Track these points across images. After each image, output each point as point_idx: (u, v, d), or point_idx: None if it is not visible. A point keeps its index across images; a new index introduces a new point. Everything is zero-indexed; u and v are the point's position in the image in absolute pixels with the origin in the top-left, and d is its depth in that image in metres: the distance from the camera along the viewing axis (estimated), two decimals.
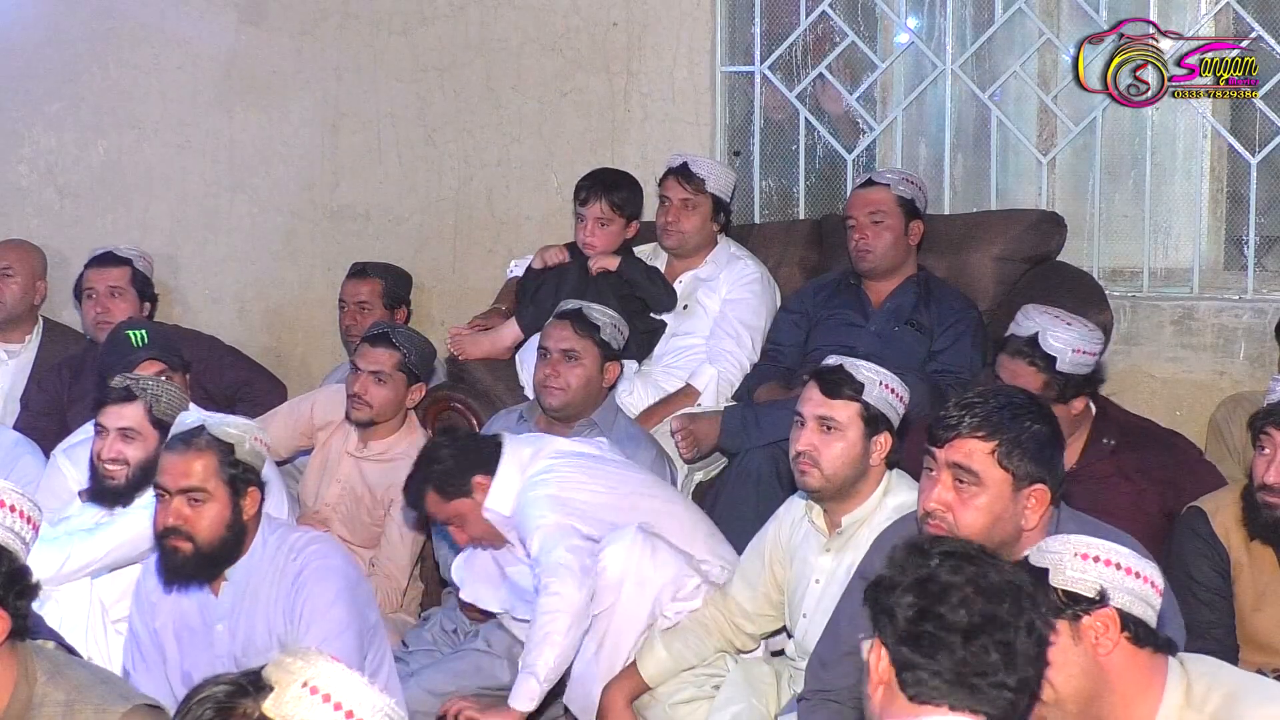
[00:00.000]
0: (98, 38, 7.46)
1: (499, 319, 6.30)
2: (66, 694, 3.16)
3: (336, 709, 2.34)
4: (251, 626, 4.45)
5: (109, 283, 6.63)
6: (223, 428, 4.40)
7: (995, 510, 3.66)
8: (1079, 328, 5.00)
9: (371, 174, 7.28)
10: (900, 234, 5.94)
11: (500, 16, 7.08)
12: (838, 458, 4.44)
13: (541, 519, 4.85)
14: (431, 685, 5.07)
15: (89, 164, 7.57)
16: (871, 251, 5.92)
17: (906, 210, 5.95)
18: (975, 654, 2.55)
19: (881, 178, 6.00)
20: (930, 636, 2.56)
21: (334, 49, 7.28)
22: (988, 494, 3.66)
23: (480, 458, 5.00)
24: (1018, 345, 5.00)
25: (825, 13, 6.79)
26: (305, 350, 7.39)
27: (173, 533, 4.36)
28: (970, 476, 3.66)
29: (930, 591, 2.59)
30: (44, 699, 3.15)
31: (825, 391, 4.46)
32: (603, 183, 6.26)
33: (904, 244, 5.96)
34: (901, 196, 5.93)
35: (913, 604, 2.59)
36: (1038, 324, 4.99)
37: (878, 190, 5.93)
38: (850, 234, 5.96)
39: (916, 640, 2.57)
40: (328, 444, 6.01)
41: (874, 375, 4.47)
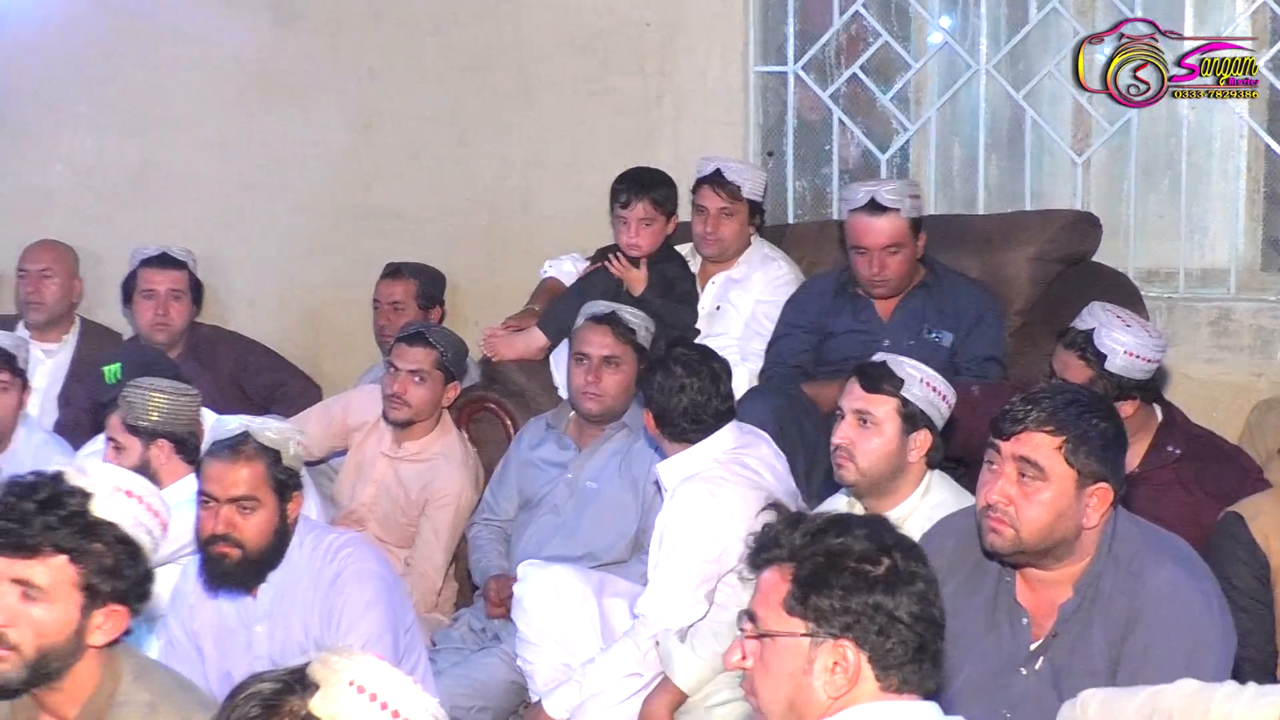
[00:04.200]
0: (132, 39, 7.47)
1: (532, 320, 6.30)
2: (151, 696, 3.17)
3: (383, 708, 2.34)
4: (289, 628, 4.46)
5: (169, 285, 6.69)
6: (265, 433, 4.40)
7: (1059, 506, 3.59)
8: (1138, 331, 5.00)
9: (405, 174, 7.28)
10: (914, 256, 5.86)
11: (533, 17, 7.08)
12: (873, 453, 4.43)
13: (683, 545, 4.78)
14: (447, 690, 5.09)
15: (123, 165, 7.57)
16: (889, 280, 5.84)
17: (915, 229, 5.85)
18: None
19: (886, 200, 5.76)
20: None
21: (367, 49, 7.28)
22: (1052, 489, 3.59)
23: (710, 409, 4.92)
24: (1073, 337, 5.03)
25: (859, 13, 6.77)
26: (339, 351, 7.38)
27: (220, 540, 4.38)
28: (1035, 470, 3.59)
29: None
30: (128, 698, 3.16)
31: (865, 386, 4.47)
32: (641, 183, 6.23)
33: (915, 261, 5.89)
34: (912, 219, 5.82)
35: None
36: (1098, 321, 5.01)
37: (889, 219, 5.76)
38: (858, 260, 5.83)
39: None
40: (362, 445, 6.02)
41: (916, 373, 4.45)
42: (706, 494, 4.76)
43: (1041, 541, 3.59)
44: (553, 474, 5.62)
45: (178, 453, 4.99)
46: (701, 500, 4.76)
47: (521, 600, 5.12)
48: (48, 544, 3.07)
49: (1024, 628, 3.65)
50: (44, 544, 3.07)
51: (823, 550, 2.76)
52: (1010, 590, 3.69)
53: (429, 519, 5.83)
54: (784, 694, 2.77)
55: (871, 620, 2.72)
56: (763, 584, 2.82)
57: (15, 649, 3.08)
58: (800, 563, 2.76)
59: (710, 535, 4.72)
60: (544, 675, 5.06)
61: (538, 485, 5.64)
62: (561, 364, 6.02)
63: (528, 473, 5.68)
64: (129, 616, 3.18)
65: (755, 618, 2.81)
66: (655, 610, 4.78)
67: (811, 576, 2.74)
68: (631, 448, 5.49)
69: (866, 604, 2.72)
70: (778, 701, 2.78)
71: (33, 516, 3.07)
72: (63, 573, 3.09)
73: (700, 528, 4.73)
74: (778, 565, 2.79)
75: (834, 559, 2.75)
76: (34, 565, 3.08)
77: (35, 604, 3.08)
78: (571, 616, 5.07)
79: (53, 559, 3.09)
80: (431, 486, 5.83)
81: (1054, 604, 3.63)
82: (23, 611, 3.08)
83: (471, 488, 5.88)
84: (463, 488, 5.85)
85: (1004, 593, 3.69)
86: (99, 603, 3.12)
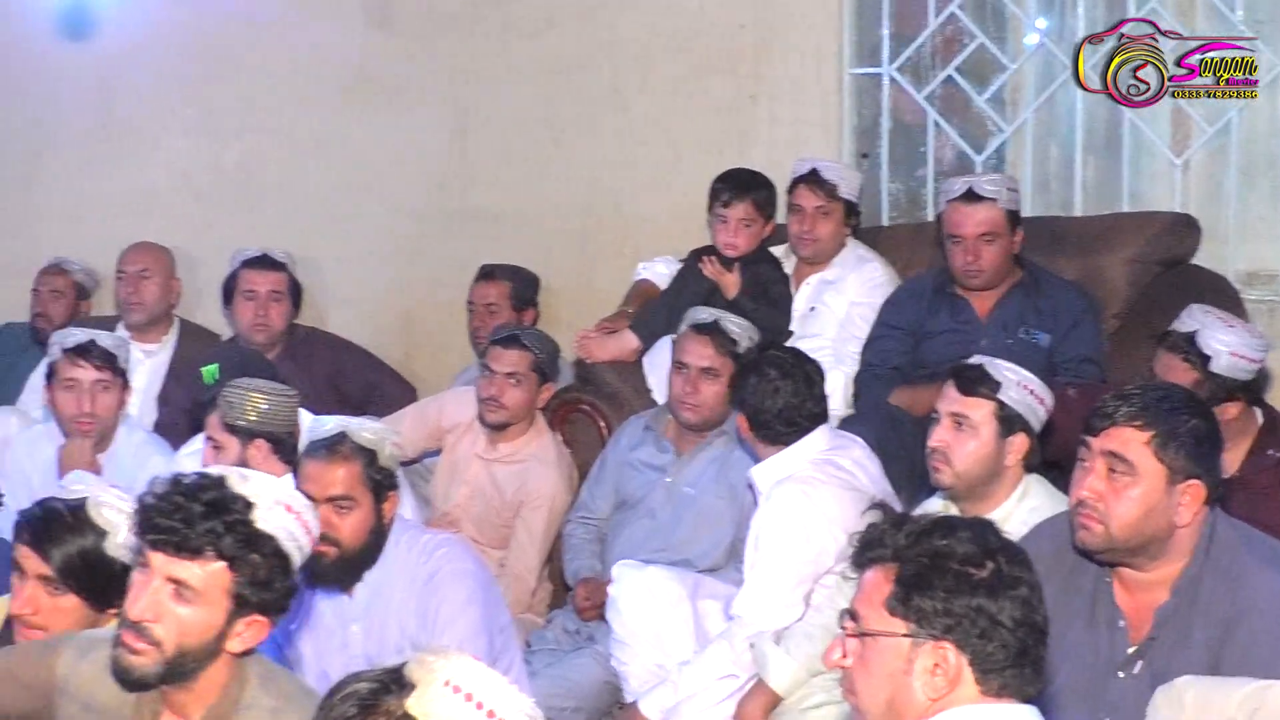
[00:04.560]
0: (231, 44, 7.53)
1: (625, 322, 6.31)
2: (275, 701, 3.18)
3: (479, 708, 2.35)
4: (385, 627, 4.48)
5: (270, 286, 6.74)
6: (362, 433, 4.42)
7: (1149, 502, 3.57)
8: (1241, 332, 4.97)
9: (499, 177, 7.30)
10: (1009, 248, 5.83)
11: (628, 19, 7.08)
12: (969, 456, 4.41)
13: (779, 546, 4.78)
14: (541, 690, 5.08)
15: (222, 168, 7.63)
16: (983, 271, 5.81)
17: (1012, 222, 5.83)
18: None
19: (984, 190, 5.79)
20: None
21: (462, 52, 7.31)
22: (1142, 485, 3.57)
23: (804, 411, 4.92)
24: (1175, 340, 4.99)
25: (954, 14, 6.74)
26: (434, 352, 7.41)
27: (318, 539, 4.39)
28: (1124, 466, 3.57)
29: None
30: (254, 702, 3.17)
31: (961, 389, 4.45)
32: (743, 184, 6.22)
33: (1010, 255, 5.85)
34: (1008, 209, 5.80)
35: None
36: (1199, 322, 4.97)
37: (985, 207, 5.77)
38: (953, 250, 5.84)
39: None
40: (456, 446, 6.03)
41: (1013, 375, 4.43)
42: (801, 495, 4.75)
43: (1132, 538, 3.57)
44: (651, 477, 5.61)
45: (275, 453, 4.99)
46: (797, 502, 4.75)
47: (616, 601, 5.13)
48: (210, 548, 3.07)
49: (1121, 630, 3.62)
50: (207, 547, 3.07)
51: (927, 551, 2.76)
52: (1108, 592, 3.66)
53: (523, 520, 5.83)
54: (883, 694, 2.78)
55: (973, 623, 2.72)
56: (865, 583, 2.83)
57: (157, 644, 3.08)
58: (903, 563, 2.77)
59: (806, 536, 4.71)
60: (638, 676, 5.07)
61: (635, 487, 5.63)
62: (655, 366, 6.04)
63: (625, 473, 5.68)
64: (268, 628, 3.19)
65: (857, 616, 2.82)
66: (751, 612, 4.77)
67: (914, 577, 2.75)
68: (730, 455, 5.45)
69: (969, 606, 2.72)
70: (877, 701, 2.79)
71: (199, 519, 3.07)
72: (218, 578, 3.09)
73: (796, 529, 4.72)
74: (881, 565, 2.80)
75: (937, 560, 2.75)
76: (192, 566, 3.08)
77: (185, 604, 3.08)
78: (666, 617, 5.07)
79: (212, 564, 3.08)
80: (526, 488, 5.83)
81: (1151, 607, 3.60)
82: (171, 610, 3.08)
83: (565, 489, 5.88)
84: (557, 489, 5.85)
85: (1102, 595, 3.67)
86: (244, 612, 3.12)
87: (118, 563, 3.61)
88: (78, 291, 7.35)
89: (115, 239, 7.27)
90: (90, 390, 5.54)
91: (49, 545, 3.64)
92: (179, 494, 3.10)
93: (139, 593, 3.10)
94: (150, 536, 3.09)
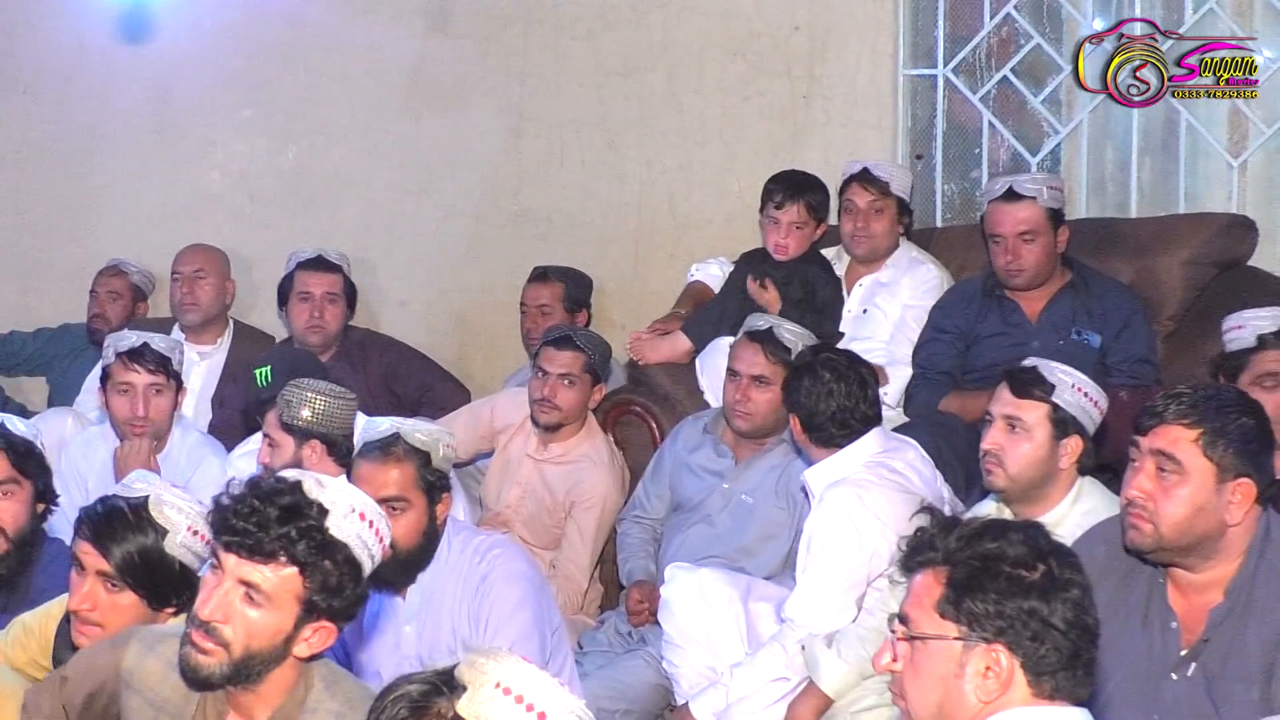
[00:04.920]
0: (287, 46, 7.56)
1: (678, 324, 6.30)
2: (340, 705, 3.18)
3: (529, 709, 2.36)
4: (437, 628, 4.49)
5: (325, 288, 6.76)
6: (415, 434, 4.42)
7: (1197, 501, 3.55)
8: None
9: (554, 178, 7.31)
10: (1051, 247, 5.80)
11: (683, 21, 7.07)
12: (1023, 458, 4.39)
13: (832, 549, 4.76)
14: (592, 692, 5.09)
15: (279, 169, 7.67)
16: (1024, 270, 5.79)
17: (1054, 221, 5.80)
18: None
19: (1024, 189, 5.78)
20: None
21: (518, 54, 7.32)
22: (1190, 484, 3.56)
23: (858, 414, 4.91)
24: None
25: (1010, 14, 6.72)
26: (487, 353, 7.42)
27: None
28: (1173, 465, 3.56)
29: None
30: (318, 705, 3.18)
31: (1014, 391, 4.43)
32: (797, 185, 6.20)
33: (1053, 255, 5.82)
34: (1049, 208, 5.77)
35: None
36: None
37: (1025, 206, 5.75)
38: (995, 250, 5.82)
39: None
40: (508, 447, 6.04)
41: (1067, 378, 4.41)
42: (855, 498, 4.73)
43: (1182, 537, 3.56)
44: (709, 481, 5.59)
45: (330, 454, 5.03)
46: (850, 505, 4.73)
47: (669, 602, 5.12)
48: (283, 553, 3.07)
49: (1174, 632, 3.61)
50: (279, 552, 3.07)
51: (978, 554, 2.77)
52: (1161, 593, 3.65)
53: (574, 521, 5.84)
54: (934, 697, 2.78)
55: (1025, 626, 2.72)
56: (916, 587, 2.83)
57: (225, 645, 3.10)
58: (954, 566, 2.77)
59: (859, 540, 4.69)
60: (689, 678, 5.06)
61: (692, 490, 5.62)
62: (707, 368, 6.04)
63: (682, 475, 5.67)
64: (335, 635, 3.19)
65: (907, 620, 2.82)
66: (803, 614, 4.76)
67: (966, 580, 2.75)
68: (790, 464, 5.42)
69: (1021, 609, 2.72)
70: (927, 705, 2.79)
71: (273, 523, 3.07)
72: (290, 584, 3.09)
73: (849, 532, 4.71)
74: (932, 568, 2.80)
75: (989, 563, 2.75)
76: (264, 570, 3.08)
77: (255, 607, 3.09)
78: (717, 619, 5.06)
79: (284, 569, 3.08)
80: (577, 489, 5.84)
81: (1205, 608, 3.59)
82: (241, 612, 3.09)
83: (617, 490, 5.88)
84: (608, 490, 5.86)
85: (1155, 596, 3.66)
86: (313, 617, 3.12)
87: (176, 562, 3.66)
88: (135, 293, 7.40)
89: (171, 241, 7.31)
90: (144, 394, 5.57)
91: (109, 542, 3.69)
92: (255, 497, 3.10)
93: (210, 593, 3.11)
94: (225, 538, 3.10)
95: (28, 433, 4.60)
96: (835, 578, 4.73)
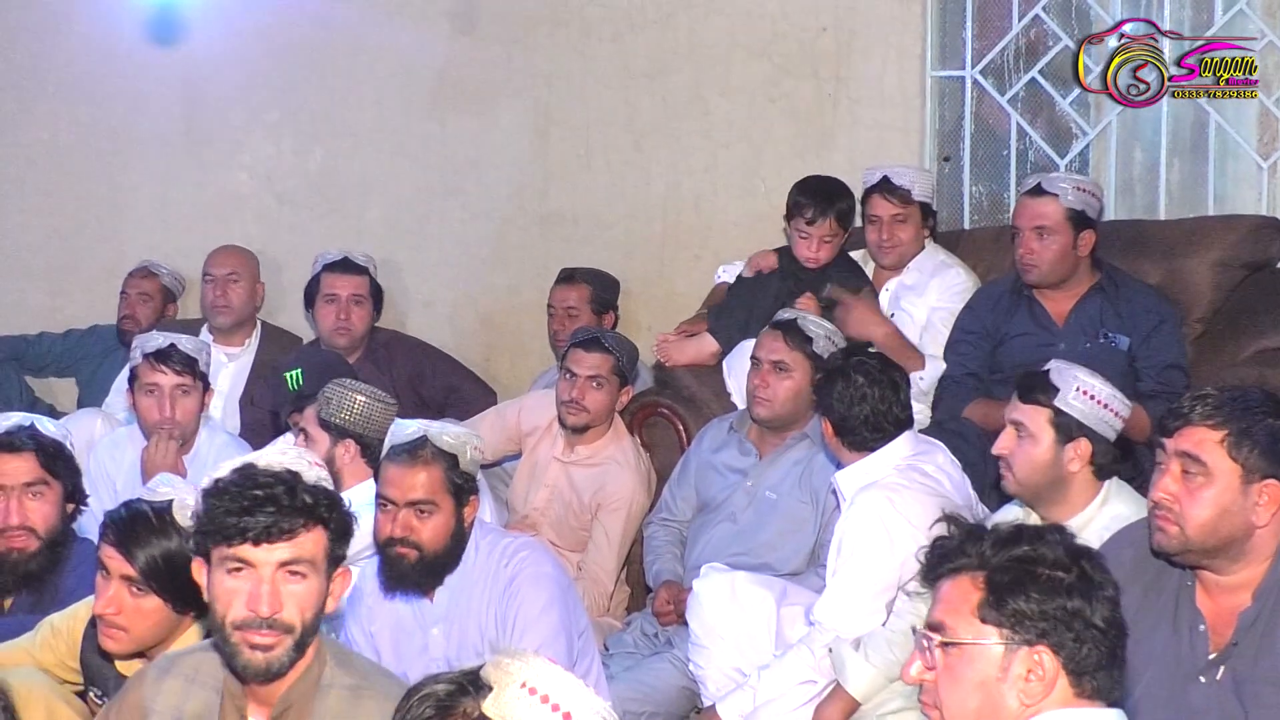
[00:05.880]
0: (315, 48, 7.57)
1: (705, 325, 6.28)
2: (355, 679, 3.24)
3: (554, 710, 2.36)
4: (465, 630, 4.49)
5: (351, 290, 6.76)
6: (443, 437, 4.43)
7: (1223, 503, 3.53)
8: None
9: (580, 180, 7.31)
10: (1068, 247, 5.73)
11: (709, 23, 7.07)
12: (1028, 463, 4.40)
13: (863, 552, 4.74)
14: (618, 694, 5.08)
15: (305, 171, 7.67)
16: (1037, 266, 5.74)
17: (1076, 222, 5.71)
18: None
19: (1052, 185, 5.73)
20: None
21: (544, 56, 7.32)
22: (1215, 486, 3.54)
23: (891, 417, 4.90)
24: None
25: (1038, 16, 6.70)
26: (514, 355, 7.42)
27: (399, 542, 4.42)
28: (1198, 466, 3.54)
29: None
30: (332, 681, 3.22)
31: (1020, 396, 4.45)
32: (826, 197, 6.13)
33: (1072, 256, 5.74)
34: (1071, 208, 5.70)
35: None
36: None
37: (1046, 201, 5.70)
38: (1015, 243, 5.80)
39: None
40: (535, 449, 6.04)
41: (1074, 382, 4.39)
42: (886, 501, 4.72)
43: (1208, 539, 3.54)
44: (732, 480, 5.58)
45: (363, 455, 5.08)
46: (881, 508, 4.72)
47: (699, 597, 5.10)
48: (306, 518, 3.16)
49: (1202, 635, 3.59)
50: (303, 519, 3.16)
51: (1015, 558, 2.78)
52: (1190, 596, 3.63)
53: (601, 523, 5.83)
54: (973, 703, 2.78)
55: (1068, 626, 2.74)
56: (948, 593, 2.82)
57: (289, 630, 3.17)
58: (992, 570, 2.77)
59: (890, 543, 4.68)
60: (715, 680, 5.05)
61: (716, 490, 5.61)
62: (734, 370, 6.01)
63: (707, 475, 5.65)
64: (350, 577, 3.31)
65: (942, 627, 2.81)
66: (833, 617, 4.75)
67: (1008, 583, 2.76)
68: (813, 459, 5.41)
69: (1064, 609, 2.74)
70: (965, 712, 2.79)
71: (285, 498, 3.16)
72: (320, 542, 3.19)
73: (880, 535, 4.69)
74: (967, 573, 2.80)
75: (1027, 565, 2.76)
76: (302, 542, 3.17)
77: (300, 580, 3.17)
78: (747, 621, 5.05)
79: (312, 531, 3.18)
80: (604, 491, 5.83)
81: (1234, 611, 3.57)
82: (292, 592, 3.16)
83: (644, 492, 5.88)
84: (635, 492, 5.85)
85: (1184, 599, 3.64)
86: (334, 567, 3.23)
87: None
88: (165, 295, 7.41)
89: (199, 242, 7.34)
90: (171, 395, 5.57)
91: (133, 546, 3.72)
92: (255, 489, 3.15)
93: (255, 590, 3.14)
94: (251, 535, 3.13)
95: (57, 433, 4.62)
96: (866, 581, 4.72)
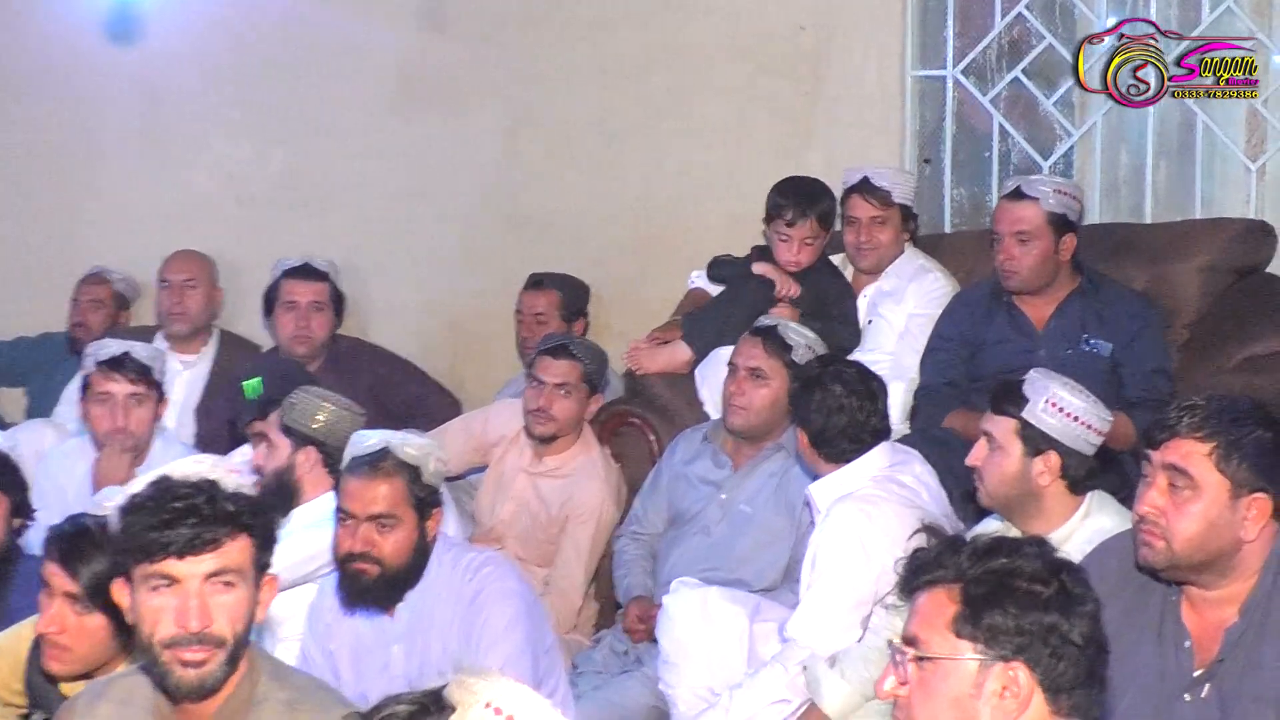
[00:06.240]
0: (277, 45, 7.52)
1: (678, 332, 6.21)
2: (289, 694, 3.20)
3: None
4: (427, 648, 4.45)
5: (311, 297, 6.71)
6: (405, 449, 4.40)
7: (1210, 517, 3.49)
8: None
9: (552, 182, 7.26)
10: (1049, 252, 5.66)
11: (686, 22, 7.03)
12: (996, 474, 4.39)
13: (838, 566, 4.67)
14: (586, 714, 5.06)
15: (268, 172, 7.63)
16: (1018, 272, 5.68)
17: (1057, 226, 5.66)
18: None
19: (1032, 189, 5.68)
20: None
21: (515, 54, 7.27)
22: (1203, 500, 3.49)
23: (869, 428, 4.84)
24: None
25: (1021, 14, 6.68)
26: (480, 363, 7.38)
27: (359, 557, 4.40)
28: (1185, 480, 3.50)
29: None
30: (266, 696, 3.18)
31: (991, 405, 4.45)
32: (807, 198, 6.09)
33: (1054, 261, 5.68)
34: (1052, 212, 5.65)
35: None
36: None
37: (1026, 206, 5.64)
38: (995, 249, 5.74)
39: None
40: (502, 460, 6.00)
41: (1044, 393, 4.34)
42: (862, 514, 4.69)
43: (1195, 554, 3.50)
44: (706, 492, 5.54)
45: (324, 464, 5.04)
46: (857, 520, 4.68)
47: (669, 612, 5.06)
48: (230, 527, 3.11)
49: (1187, 651, 3.55)
50: (228, 528, 3.11)
51: (992, 570, 2.74)
52: (1175, 611, 3.59)
53: (569, 536, 5.78)
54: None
55: (1045, 642, 2.70)
56: (923, 606, 2.79)
57: (221, 644, 3.13)
58: (968, 583, 2.73)
59: (866, 557, 4.63)
60: (686, 700, 4.99)
61: (689, 502, 5.57)
62: (707, 379, 5.96)
63: (679, 487, 5.62)
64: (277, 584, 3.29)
65: (916, 641, 2.77)
66: (807, 633, 4.70)
67: (984, 596, 2.72)
68: (789, 472, 5.38)
69: (1041, 624, 2.71)
70: None
71: (206, 508, 3.11)
72: (246, 550, 3.15)
73: (856, 549, 4.65)
74: (943, 586, 2.77)
75: (1005, 579, 2.73)
76: (228, 551, 3.12)
77: (229, 590, 3.13)
78: (719, 638, 4.99)
79: (237, 540, 3.13)
80: (572, 502, 5.79)
81: (1220, 627, 3.53)
82: (220, 604, 3.11)
83: (613, 504, 5.83)
84: (604, 504, 5.80)
85: (1169, 614, 3.60)
86: (261, 575, 3.19)
87: None
88: (117, 301, 7.36)
89: (158, 245, 7.28)
90: (124, 404, 5.54)
91: (77, 563, 3.72)
92: (174, 500, 3.10)
93: (183, 605, 3.08)
94: (174, 549, 3.08)
95: (3, 445, 4.70)
96: (841, 596, 4.68)
